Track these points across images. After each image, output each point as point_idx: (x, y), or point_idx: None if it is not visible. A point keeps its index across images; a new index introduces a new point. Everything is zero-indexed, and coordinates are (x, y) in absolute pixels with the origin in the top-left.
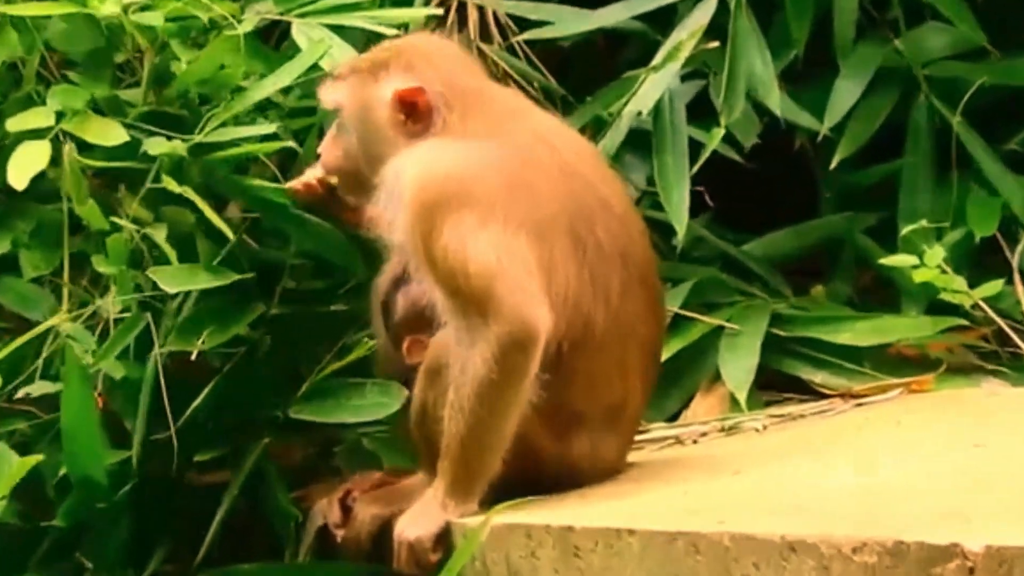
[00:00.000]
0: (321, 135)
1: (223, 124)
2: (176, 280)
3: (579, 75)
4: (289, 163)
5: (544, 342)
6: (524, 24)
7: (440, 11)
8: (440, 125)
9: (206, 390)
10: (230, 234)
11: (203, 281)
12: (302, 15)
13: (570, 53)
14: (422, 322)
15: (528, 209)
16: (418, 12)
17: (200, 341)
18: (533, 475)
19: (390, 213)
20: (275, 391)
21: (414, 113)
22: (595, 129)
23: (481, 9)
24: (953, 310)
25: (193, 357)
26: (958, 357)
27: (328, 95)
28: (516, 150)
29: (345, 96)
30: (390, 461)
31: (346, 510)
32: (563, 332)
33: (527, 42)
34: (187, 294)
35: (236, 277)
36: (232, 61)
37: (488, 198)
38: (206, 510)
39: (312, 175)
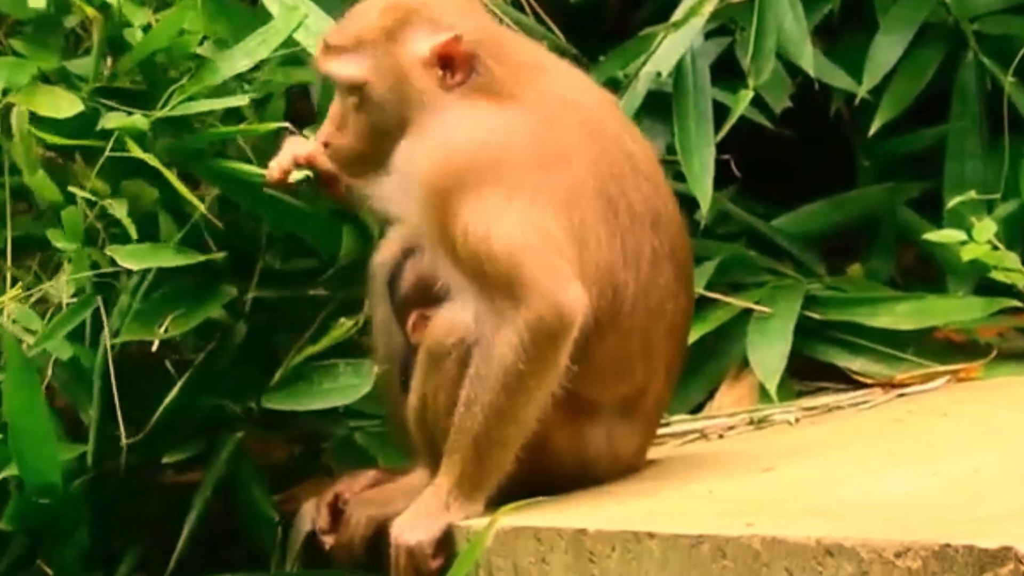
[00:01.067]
0: (291, 106)
1: (190, 98)
2: (137, 258)
3: (591, 32)
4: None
5: (579, 328)
6: None
7: None
8: (484, 81)
9: (178, 384)
10: (202, 208)
11: (167, 259)
12: None
13: (581, 7)
14: (429, 297)
15: (557, 175)
16: None
17: (162, 328)
18: (543, 472)
19: (403, 186)
20: (249, 381)
21: (451, 66)
22: (610, 91)
23: None
24: (1005, 290)
25: (154, 348)
26: (1010, 342)
27: (345, 70)
28: (543, 110)
29: (368, 69)
30: (384, 458)
31: (337, 513)
32: (593, 304)
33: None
34: (145, 277)
35: (203, 257)
36: (192, 26)
37: (514, 167)
38: (181, 513)
39: (288, 158)
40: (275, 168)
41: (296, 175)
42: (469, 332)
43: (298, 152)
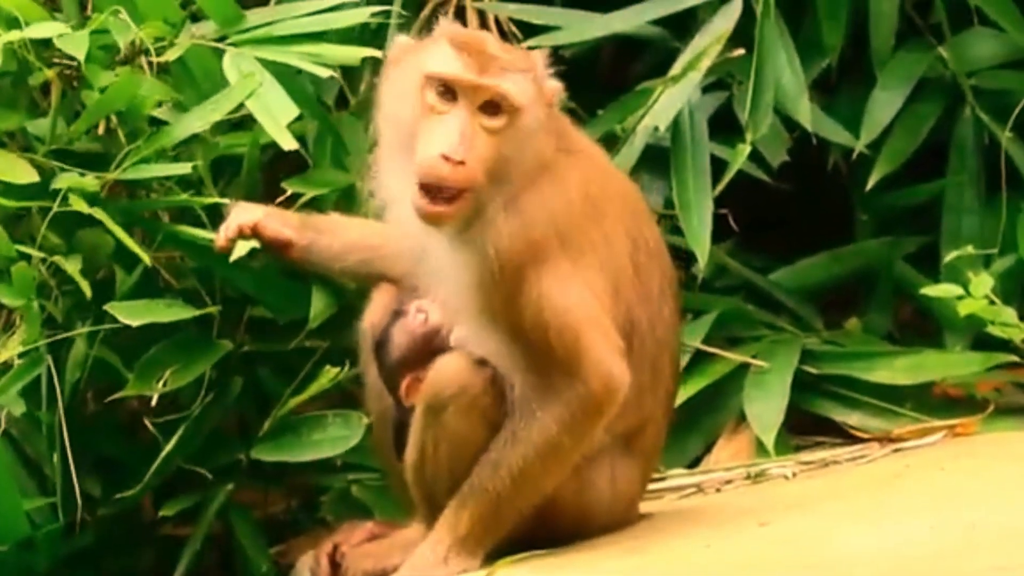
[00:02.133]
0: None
1: (143, 160)
2: (134, 314)
3: (589, 86)
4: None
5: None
6: (529, 29)
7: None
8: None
9: (173, 440)
10: (147, 259)
11: (162, 315)
12: (239, 43)
13: (579, 62)
14: (421, 358)
15: (597, 228)
16: (357, 52)
17: (161, 383)
18: (544, 513)
19: (460, 252)
20: (238, 432)
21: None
22: (608, 145)
23: (482, 14)
24: (1002, 345)
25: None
26: (1007, 397)
27: (513, 87)
28: (587, 169)
29: (528, 94)
30: (381, 511)
31: (334, 566)
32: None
33: (531, 49)
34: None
35: (197, 312)
36: (151, 90)
37: (574, 237)
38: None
39: (234, 227)
40: (220, 237)
41: (241, 246)
42: (469, 383)
43: (243, 221)
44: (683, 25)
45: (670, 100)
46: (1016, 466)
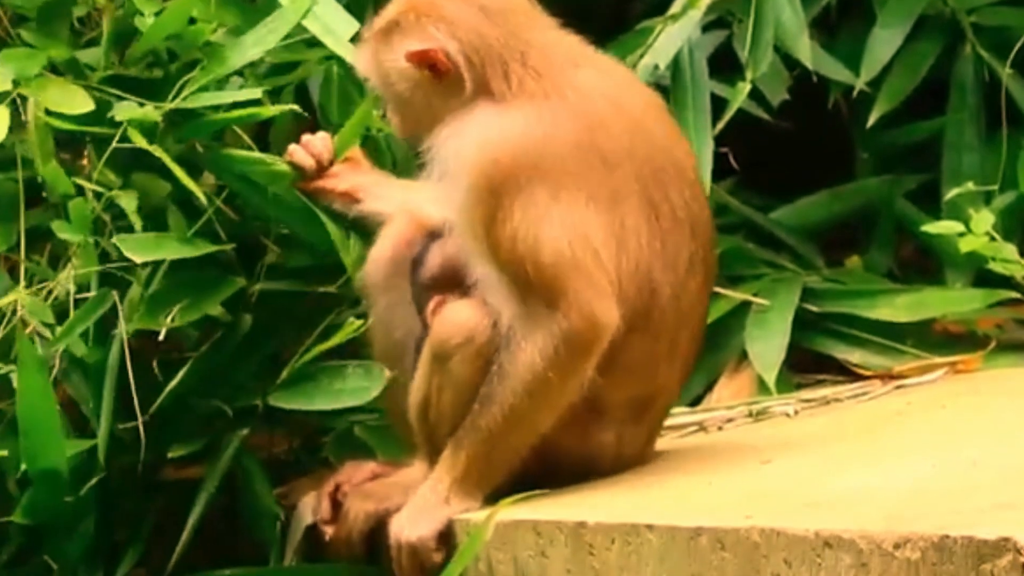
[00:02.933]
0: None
1: (202, 88)
2: (143, 249)
3: (588, 25)
4: (264, 129)
5: (607, 342)
6: None
7: None
8: (478, 87)
9: (178, 376)
10: (206, 203)
11: (173, 251)
12: None
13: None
14: (454, 282)
15: (599, 177)
16: None
17: (169, 319)
18: (547, 469)
19: (444, 188)
20: (255, 377)
21: (436, 69)
22: None
23: None
24: (1003, 282)
25: (162, 336)
26: (1009, 333)
27: (356, 63)
28: (580, 111)
29: (366, 64)
30: (383, 451)
31: (336, 506)
32: (630, 298)
33: None
34: (156, 269)
35: (211, 248)
36: (202, 13)
37: (556, 171)
38: (183, 508)
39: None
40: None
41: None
42: (476, 332)
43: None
44: None
45: (670, 38)
46: (1018, 402)
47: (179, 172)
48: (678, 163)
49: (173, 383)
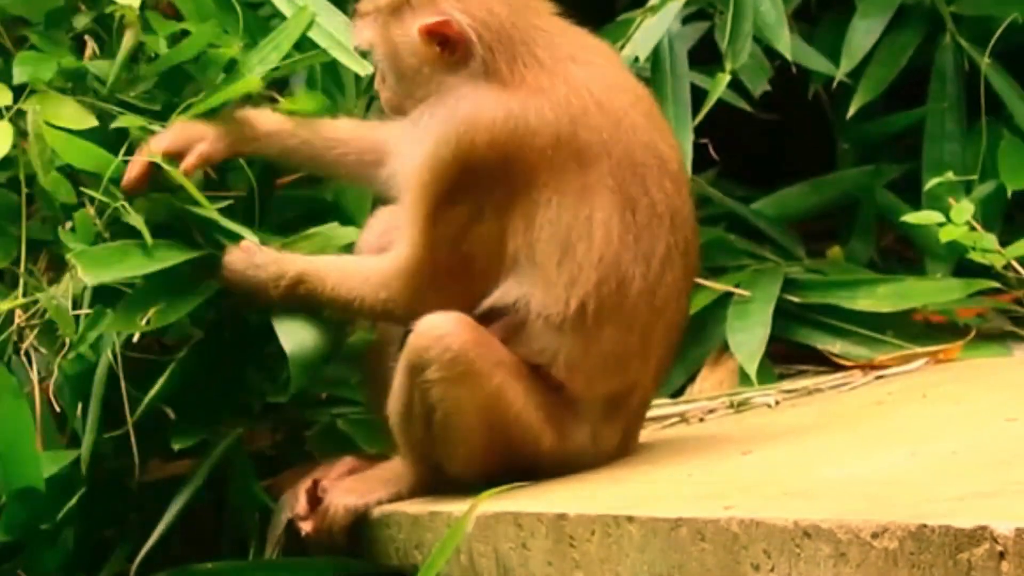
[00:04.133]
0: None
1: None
2: (98, 267)
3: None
4: None
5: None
6: None
7: None
8: (481, 65)
9: (159, 381)
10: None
11: (131, 267)
12: None
13: None
14: None
15: (574, 176)
16: None
17: (144, 321)
18: (531, 455)
19: (410, 158)
20: (246, 375)
21: (448, 44)
22: None
23: None
24: (983, 271)
25: (135, 339)
26: (989, 323)
27: (358, 35)
28: (566, 106)
29: (373, 36)
30: (367, 445)
31: (315, 500)
32: (592, 289)
33: None
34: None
35: (175, 261)
36: (223, 38)
37: (520, 168)
38: (163, 505)
39: (140, 160)
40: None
41: None
42: (452, 342)
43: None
44: None
45: (650, 30)
46: (998, 392)
47: (188, 185)
48: (661, 157)
49: (156, 388)
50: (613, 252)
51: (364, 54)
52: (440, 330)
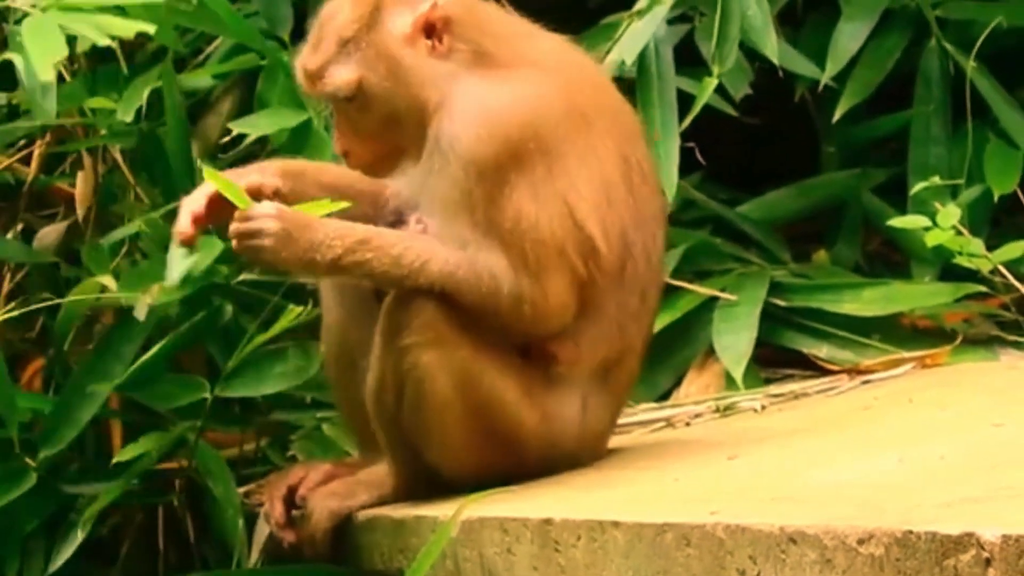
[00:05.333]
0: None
1: None
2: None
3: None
4: None
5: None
6: None
7: None
8: (471, 49)
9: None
10: None
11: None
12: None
13: None
14: None
15: (584, 138)
16: (133, 25)
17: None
18: (512, 438)
19: (439, 166)
20: (207, 373)
21: (436, 33)
22: None
23: None
24: (970, 276)
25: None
26: (975, 328)
27: (334, 83)
28: (557, 76)
29: (357, 69)
30: (351, 448)
31: (291, 508)
32: (611, 260)
33: None
34: None
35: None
36: None
37: (552, 139)
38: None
39: (188, 216)
40: (182, 233)
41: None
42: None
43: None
44: None
45: (636, 34)
46: (985, 397)
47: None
48: (634, 119)
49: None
50: (623, 217)
51: (349, 99)
52: (415, 295)
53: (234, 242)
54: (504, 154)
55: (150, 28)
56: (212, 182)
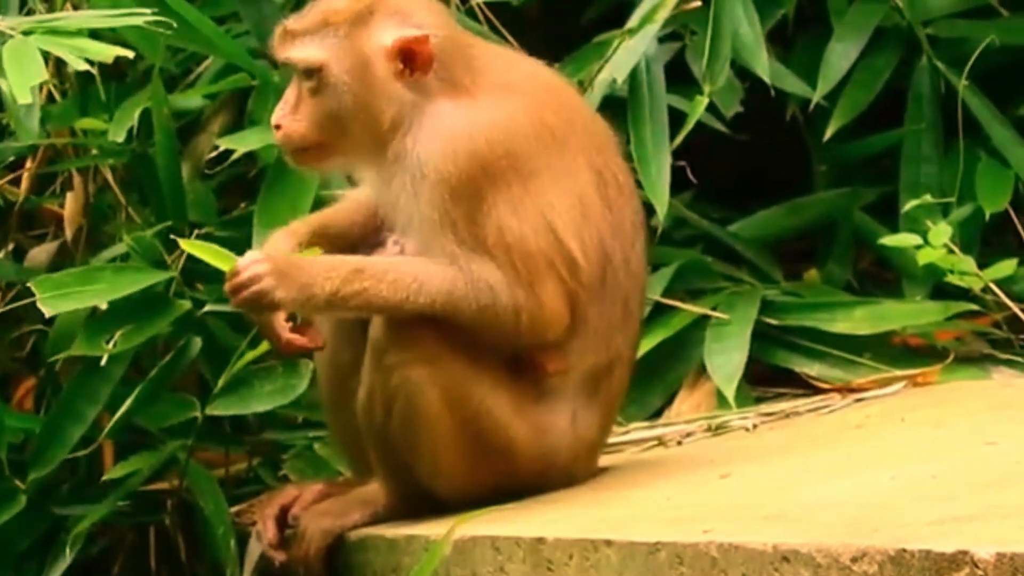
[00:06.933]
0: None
1: None
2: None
3: (543, 37)
4: None
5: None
6: None
7: None
8: (443, 78)
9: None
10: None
11: (94, 296)
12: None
13: (530, 12)
14: None
15: (557, 156)
16: (111, 50)
17: (111, 344)
18: (505, 451)
19: (410, 185)
20: (197, 392)
21: (413, 62)
22: None
23: None
24: (961, 294)
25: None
26: (967, 346)
27: (301, 52)
28: (529, 97)
29: (328, 51)
30: (343, 468)
31: (284, 527)
32: (591, 272)
33: (487, 4)
34: None
35: (145, 284)
36: None
37: (525, 157)
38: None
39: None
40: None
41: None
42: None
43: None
44: None
45: (627, 53)
46: (977, 415)
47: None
48: (607, 133)
49: (126, 405)
50: (599, 229)
51: (310, 72)
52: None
53: (232, 300)
54: (476, 172)
55: (128, 52)
56: (193, 251)
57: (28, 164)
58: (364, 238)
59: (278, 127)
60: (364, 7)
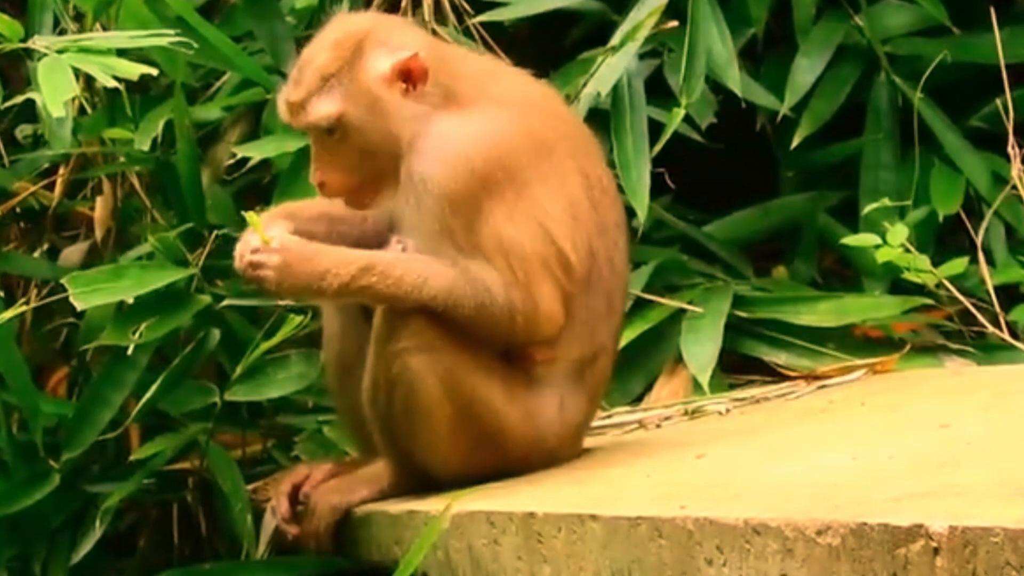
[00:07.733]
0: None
1: None
2: (90, 289)
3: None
4: None
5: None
6: (478, 5)
7: None
8: (441, 93)
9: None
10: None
11: (122, 290)
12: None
13: (520, 31)
14: None
15: (547, 162)
16: (136, 68)
17: (136, 335)
18: (495, 435)
19: (414, 199)
20: (216, 379)
21: (411, 79)
22: None
23: None
24: (917, 290)
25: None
26: (922, 337)
27: (317, 113)
28: (518, 106)
29: (340, 101)
30: (352, 450)
31: (296, 504)
32: (579, 270)
33: (482, 24)
34: None
35: (164, 282)
36: None
37: (516, 168)
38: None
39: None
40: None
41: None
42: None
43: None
44: None
45: (610, 68)
46: (931, 400)
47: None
48: (591, 138)
49: (150, 392)
50: (587, 229)
51: (329, 131)
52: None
53: (241, 272)
54: (475, 185)
55: (152, 70)
56: (251, 223)
57: (61, 171)
58: (365, 233)
59: (322, 184)
60: (350, 50)
